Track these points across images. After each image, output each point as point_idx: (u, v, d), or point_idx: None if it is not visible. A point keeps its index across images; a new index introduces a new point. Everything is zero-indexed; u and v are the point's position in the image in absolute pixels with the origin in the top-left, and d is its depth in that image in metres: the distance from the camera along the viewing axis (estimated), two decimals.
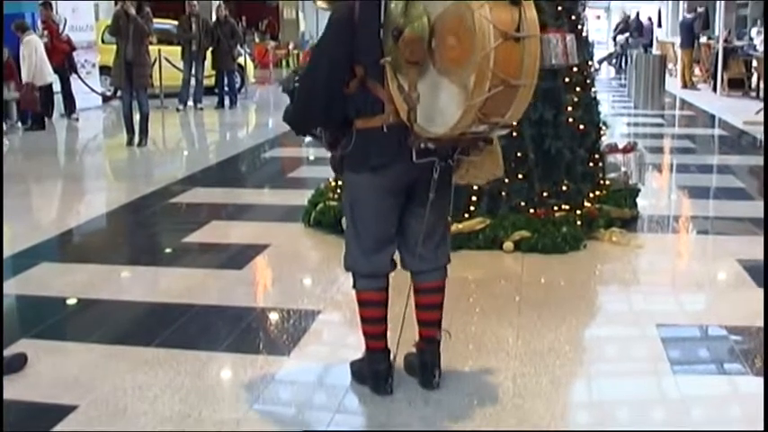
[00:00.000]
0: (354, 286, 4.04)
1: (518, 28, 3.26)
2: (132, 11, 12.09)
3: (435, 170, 3.67)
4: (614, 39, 29.93)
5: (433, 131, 3.49)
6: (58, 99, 15.52)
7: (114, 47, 12.46)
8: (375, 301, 4.02)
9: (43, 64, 14.28)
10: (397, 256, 4.05)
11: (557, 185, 6.73)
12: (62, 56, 15.22)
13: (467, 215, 6.34)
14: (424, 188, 3.75)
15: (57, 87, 15.36)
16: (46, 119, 14.98)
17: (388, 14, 3.54)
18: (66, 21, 15.78)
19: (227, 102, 17.79)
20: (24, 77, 13.81)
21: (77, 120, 15.46)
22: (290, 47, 31.85)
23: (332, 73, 3.72)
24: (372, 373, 4.07)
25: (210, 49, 17.49)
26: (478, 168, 3.81)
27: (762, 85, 18.02)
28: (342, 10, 3.75)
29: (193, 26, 17.13)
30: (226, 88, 17.84)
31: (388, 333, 4.21)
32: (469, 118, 3.32)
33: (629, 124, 15.51)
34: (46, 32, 15.05)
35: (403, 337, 4.16)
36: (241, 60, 19.68)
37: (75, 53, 15.77)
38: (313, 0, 5.96)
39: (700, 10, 23.50)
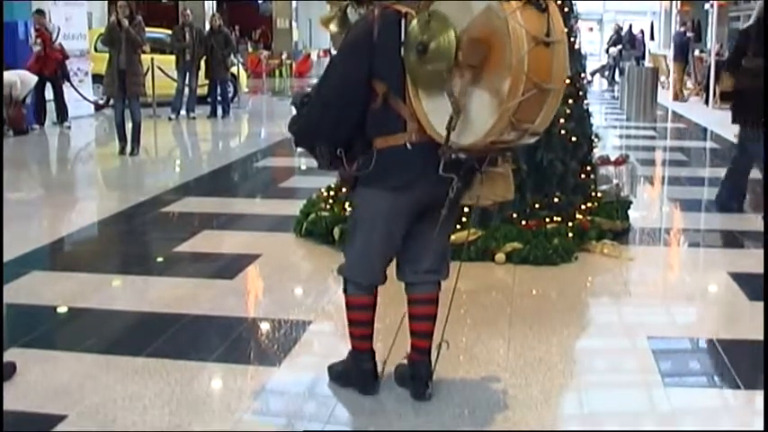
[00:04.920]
0: (345, 290, 4.06)
1: (547, 33, 3.35)
2: (125, 22, 12.09)
3: (452, 189, 3.67)
4: (607, 51, 30.01)
5: (462, 141, 3.51)
6: (51, 107, 15.50)
7: (107, 55, 12.45)
8: (365, 305, 4.05)
9: (24, 74, 14.38)
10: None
11: (548, 197, 6.74)
12: (54, 64, 15.21)
13: (458, 226, 6.32)
14: (438, 206, 3.77)
15: (49, 95, 15.36)
16: (38, 126, 15.02)
17: (409, 31, 3.55)
18: (59, 29, 15.76)
19: (219, 111, 17.77)
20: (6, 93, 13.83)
21: (69, 128, 15.43)
22: (283, 56, 31.91)
23: (345, 90, 3.73)
24: (360, 372, 4.10)
25: (204, 58, 17.49)
26: (491, 189, 3.82)
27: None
28: (360, 28, 3.77)
29: (187, 35, 17.13)
30: (219, 97, 17.84)
31: (381, 343, 4.23)
32: (503, 123, 3.37)
33: (621, 136, 15.55)
34: (39, 40, 15.04)
35: (394, 349, 4.17)
36: (234, 70, 19.67)
37: (67, 61, 15.76)
38: (324, 26, 5.88)
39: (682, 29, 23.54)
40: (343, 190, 6.87)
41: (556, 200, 6.76)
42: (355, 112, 3.73)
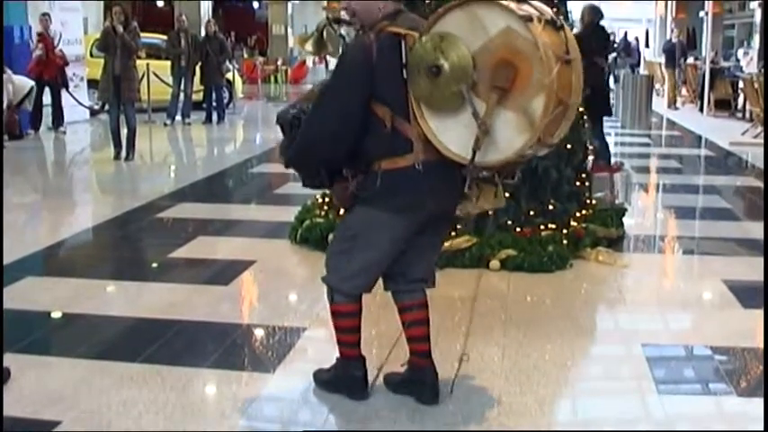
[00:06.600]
0: (332, 299, 4.03)
1: (567, 51, 3.41)
2: (120, 28, 12.09)
3: (461, 205, 3.76)
4: None
5: (487, 160, 3.52)
6: (47, 112, 15.47)
7: (102, 61, 12.46)
8: (354, 312, 4.03)
9: (19, 79, 14.44)
10: None
11: (543, 204, 6.74)
12: (55, 69, 15.22)
13: (453, 233, 6.34)
14: (438, 219, 3.84)
15: (47, 100, 15.35)
16: (33, 132, 15.01)
17: (414, 52, 3.52)
18: (60, 34, 15.75)
19: (214, 117, 17.73)
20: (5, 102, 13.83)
21: (65, 133, 15.43)
22: (279, 62, 31.89)
23: (344, 114, 3.68)
24: (350, 379, 4.12)
25: (199, 64, 17.49)
26: (486, 199, 3.85)
27: (748, 107, 18.10)
28: (357, 51, 3.70)
29: (182, 41, 17.13)
30: (214, 103, 17.80)
31: (376, 350, 4.24)
32: (533, 140, 3.41)
33: (616, 144, 15.55)
34: (41, 45, 15.03)
35: (384, 356, 4.18)
36: (229, 76, 19.66)
37: (66, 67, 15.75)
38: (300, 46, 5.88)
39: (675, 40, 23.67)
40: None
41: (551, 207, 6.76)
42: (354, 135, 3.69)
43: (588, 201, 7.29)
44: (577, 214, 7.00)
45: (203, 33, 18.42)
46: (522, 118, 3.39)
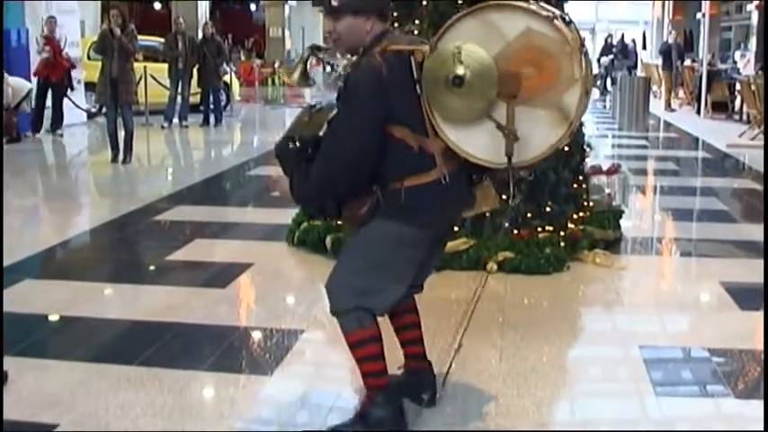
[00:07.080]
0: (350, 327, 3.69)
1: (581, 43, 3.45)
2: (117, 30, 12.09)
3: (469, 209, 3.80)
4: (599, 60, 30.08)
5: (523, 160, 3.52)
6: (46, 114, 15.46)
7: (99, 63, 12.46)
8: (376, 336, 3.74)
9: (17, 81, 14.45)
10: None
11: (541, 207, 6.74)
12: (62, 71, 15.23)
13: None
14: (452, 228, 3.89)
15: (49, 102, 15.36)
16: (31, 134, 15.00)
17: (429, 66, 3.45)
18: (66, 38, 15.73)
19: (212, 119, 17.73)
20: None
21: (62, 136, 15.41)
22: (276, 65, 31.90)
23: (360, 149, 3.53)
24: (396, 410, 3.85)
25: (196, 66, 17.47)
26: (486, 201, 3.84)
27: (745, 109, 18.12)
28: (367, 75, 3.53)
29: (180, 44, 17.13)
30: (211, 106, 17.80)
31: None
32: (569, 132, 3.46)
33: (613, 146, 15.58)
34: (47, 48, 15.02)
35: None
36: (227, 78, 19.66)
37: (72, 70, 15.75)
38: (286, 75, 5.85)
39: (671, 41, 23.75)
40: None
41: (548, 209, 6.76)
42: (372, 163, 3.55)
43: (585, 203, 7.29)
44: (575, 216, 7.00)
45: (200, 36, 18.44)
46: (556, 113, 3.42)
